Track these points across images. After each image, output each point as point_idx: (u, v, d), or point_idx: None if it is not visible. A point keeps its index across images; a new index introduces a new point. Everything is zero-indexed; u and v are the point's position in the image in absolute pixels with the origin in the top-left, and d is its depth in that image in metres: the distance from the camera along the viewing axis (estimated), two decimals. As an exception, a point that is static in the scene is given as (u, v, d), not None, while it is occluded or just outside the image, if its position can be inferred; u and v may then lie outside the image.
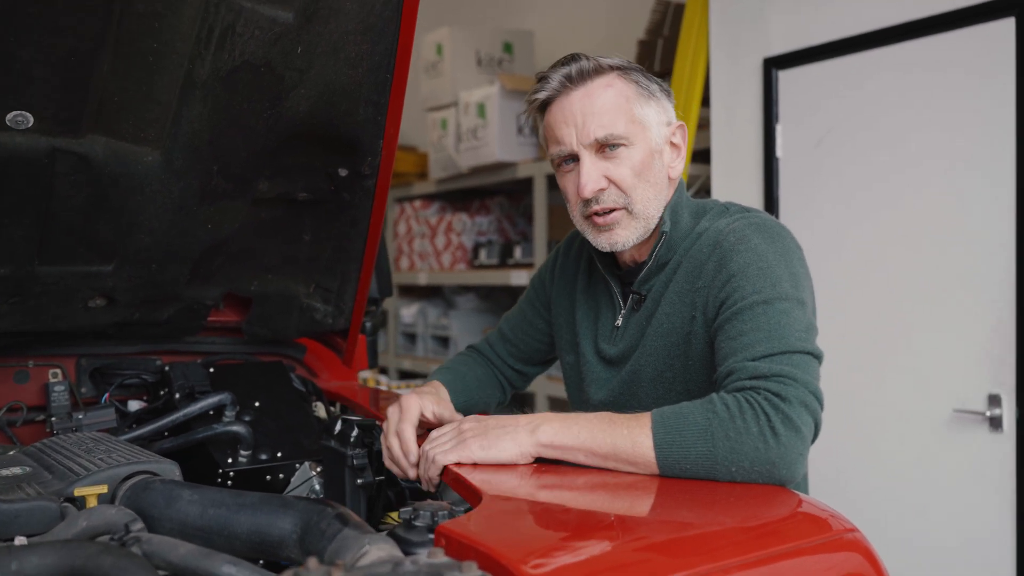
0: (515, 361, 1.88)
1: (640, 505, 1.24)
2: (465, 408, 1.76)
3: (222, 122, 1.45)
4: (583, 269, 1.74)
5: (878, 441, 2.62)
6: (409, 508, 1.21)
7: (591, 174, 1.50)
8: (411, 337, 5.08)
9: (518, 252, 4.27)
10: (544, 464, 1.35)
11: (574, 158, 1.52)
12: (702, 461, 1.25)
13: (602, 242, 1.55)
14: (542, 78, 1.54)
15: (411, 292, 5.23)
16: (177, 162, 1.49)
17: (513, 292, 4.93)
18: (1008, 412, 2.33)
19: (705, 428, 1.26)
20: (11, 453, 1.50)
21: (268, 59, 1.39)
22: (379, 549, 1.03)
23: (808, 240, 2.73)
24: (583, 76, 1.50)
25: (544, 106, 1.55)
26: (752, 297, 1.39)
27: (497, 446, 1.33)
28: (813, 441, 1.31)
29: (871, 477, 2.64)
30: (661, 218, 1.56)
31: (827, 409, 2.29)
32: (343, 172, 1.65)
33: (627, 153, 1.50)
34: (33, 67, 1.30)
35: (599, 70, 1.50)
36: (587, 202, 1.52)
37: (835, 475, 2.70)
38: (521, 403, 4.32)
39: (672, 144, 1.57)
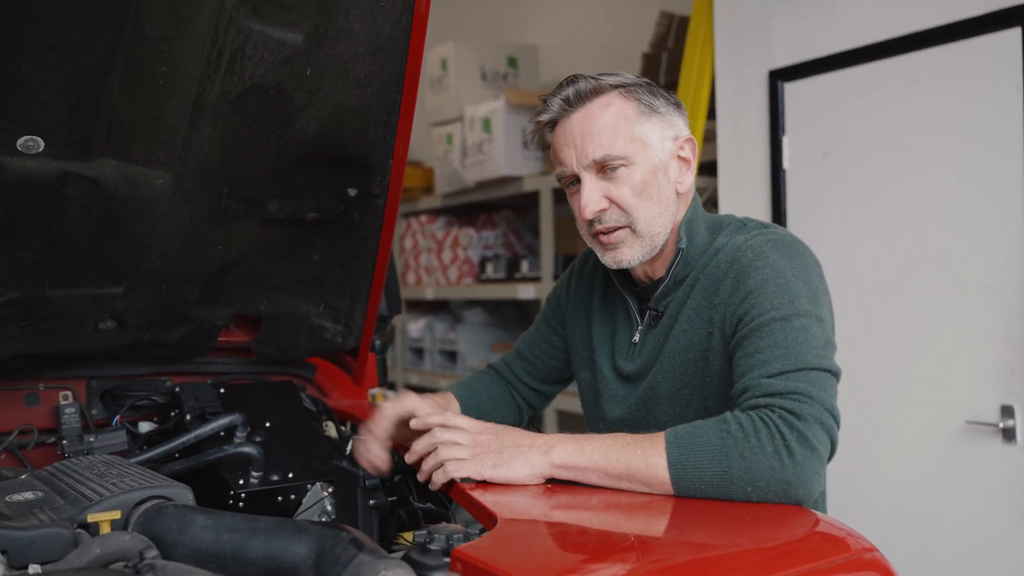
0: (532, 380, 1.88)
1: (656, 526, 1.23)
2: None
3: (232, 144, 1.45)
4: (598, 286, 1.73)
5: (890, 453, 2.61)
6: (424, 531, 1.20)
7: (591, 196, 1.50)
8: (419, 352, 5.07)
9: (525, 266, 4.27)
10: (557, 484, 1.34)
11: (578, 179, 1.53)
12: (717, 481, 1.24)
13: (608, 260, 1.56)
14: (544, 100, 1.55)
15: (418, 307, 5.23)
16: (187, 184, 1.49)
17: (520, 306, 4.92)
18: (1021, 423, 2.32)
19: (719, 448, 1.25)
20: (23, 477, 1.50)
21: (278, 81, 1.39)
22: (395, 574, 1.03)
23: (816, 251, 2.72)
24: (581, 98, 1.51)
25: (552, 126, 1.56)
26: (770, 314, 1.38)
27: (510, 466, 1.33)
28: (829, 459, 1.30)
29: (884, 490, 2.62)
30: (677, 234, 1.56)
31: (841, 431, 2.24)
32: (352, 192, 1.65)
33: (627, 173, 1.50)
34: (43, 92, 1.31)
35: (598, 90, 1.51)
36: (591, 222, 1.53)
37: (847, 488, 2.68)
38: (532, 418, 4.31)
39: (680, 158, 1.55)
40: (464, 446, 1.36)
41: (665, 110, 1.53)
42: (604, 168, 1.50)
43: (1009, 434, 2.34)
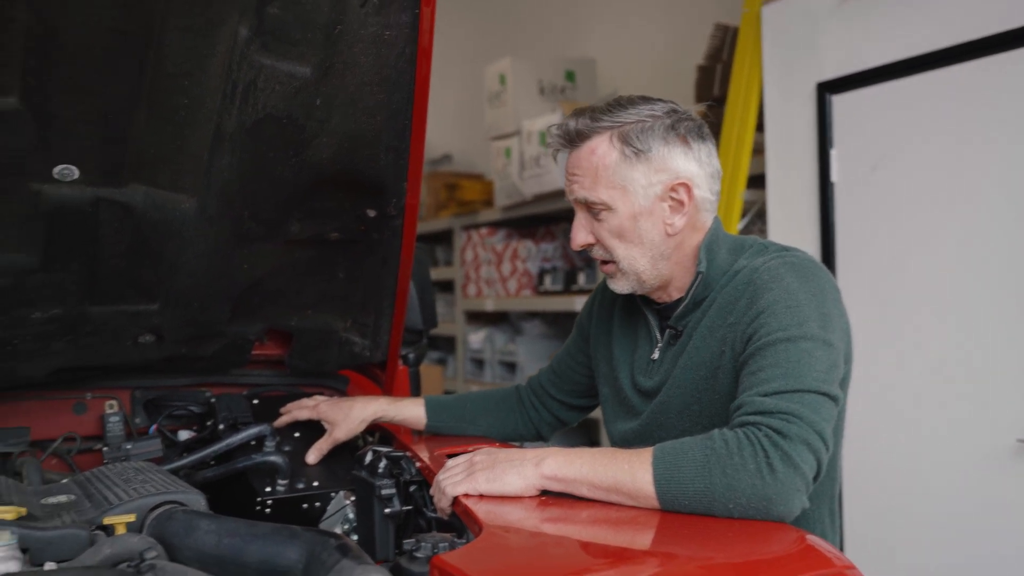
0: (558, 392, 1.94)
1: (637, 540, 1.26)
2: (445, 426, 1.93)
3: (250, 171, 1.54)
4: (620, 305, 1.78)
5: (938, 472, 2.55)
6: (412, 539, 1.26)
7: (578, 231, 1.61)
8: (479, 363, 5.15)
9: (582, 278, 4.30)
10: (550, 497, 1.39)
11: None
12: (700, 496, 1.27)
13: (609, 284, 1.65)
14: (550, 131, 1.63)
15: (478, 318, 5.30)
16: (211, 209, 1.58)
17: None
18: (1071, 442, 2.26)
19: (703, 463, 1.27)
20: (63, 482, 1.62)
21: (289, 111, 1.48)
22: (370, 580, 1.09)
23: (865, 265, 2.72)
24: (571, 139, 1.58)
25: None
26: (777, 334, 1.40)
27: (503, 479, 1.38)
28: (814, 482, 1.31)
29: (930, 510, 2.57)
30: (697, 257, 1.59)
31: (883, 438, 2.25)
32: (371, 213, 1.73)
33: (607, 216, 1.56)
34: (76, 125, 1.42)
35: (587, 133, 1.55)
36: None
37: (891, 509, 2.64)
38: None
39: (673, 199, 1.56)
40: (459, 467, 1.44)
41: (661, 151, 1.53)
42: (590, 207, 1.57)
43: (1058, 453, 2.28)
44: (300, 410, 1.93)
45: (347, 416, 1.87)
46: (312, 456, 1.88)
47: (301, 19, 1.37)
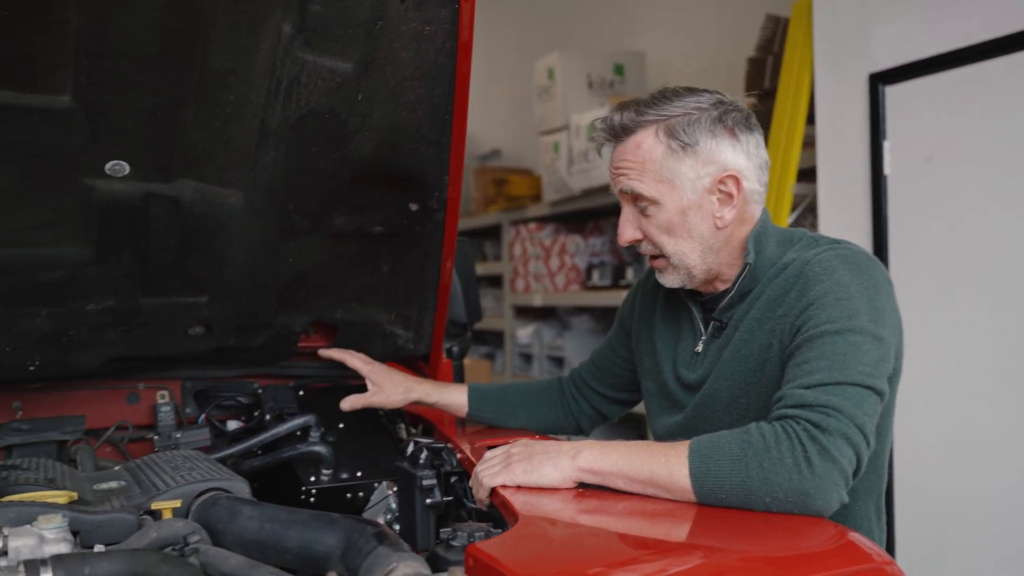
0: (597, 384, 1.94)
1: (674, 533, 1.26)
2: (486, 416, 1.94)
3: (294, 165, 1.58)
4: (662, 297, 1.77)
5: (992, 470, 2.49)
6: (449, 528, 1.28)
7: (625, 227, 1.59)
8: (527, 358, 5.16)
9: (630, 273, 4.29)
10: (588, 489, 1.39)
11: None
12: (736, 490, 1.26)
13: (659, 279, 1.64)
14: (595, 124, 1.62)
15: (526, 313, 5.31)
16: (257, 203, 1.62)
17: (627, 313, 4.92)
18: None
19: (740, 458, 1.27)
20: (116, 468, 1.67)
21: (332, 106, 1.51)
22: (407, 566, 1.10)
23: (919, 259, 2.67)
24: (615, 133, 1.56)
25: None
26: (825, 326, 1.39)
27: (539, 471, 1.39)
28: (855, 477, 1.29)
29: (984, 509, 2.51)
30: (745, 248, 1.58)
31: (936, 435, 2.19)
32: (413, 207, 1.75)
33: (655, 211, 1.55)
34: (126, 122, 1.46)
35: (632, 127, 1.54)
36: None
37: (944, 507, 2.59)
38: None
39: (722, 192, 1.55)
40: (497, 459, 1.45)
41: (708, 144, 1.52)
42: (637, 201, 1.56)
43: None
44: (353, 359, 1.96)
45: (393, 385, 1.91)
46: (347, 404, 1.92)
47: (343, 15, 1.40)
